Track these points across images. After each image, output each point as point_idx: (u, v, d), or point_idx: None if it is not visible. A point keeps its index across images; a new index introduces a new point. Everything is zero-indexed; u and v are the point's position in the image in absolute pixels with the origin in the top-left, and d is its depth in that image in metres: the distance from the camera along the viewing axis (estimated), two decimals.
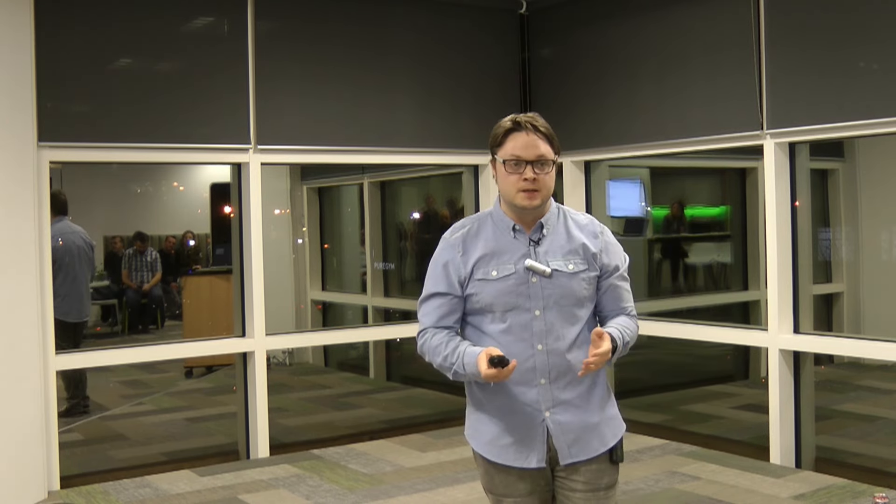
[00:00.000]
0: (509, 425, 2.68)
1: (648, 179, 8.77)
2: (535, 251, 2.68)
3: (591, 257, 2.72)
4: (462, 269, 2.70)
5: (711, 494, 5.16)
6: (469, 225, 2.76)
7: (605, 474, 2.73)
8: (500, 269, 2.67)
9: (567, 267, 2.68)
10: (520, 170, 2.64)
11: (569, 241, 2.71)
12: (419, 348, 2.77)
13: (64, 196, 7.50)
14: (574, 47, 6.87)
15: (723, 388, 7.93)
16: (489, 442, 2.72)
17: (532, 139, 2.65)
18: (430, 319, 2.74)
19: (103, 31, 5.70)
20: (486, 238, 2.71)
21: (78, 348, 6.91)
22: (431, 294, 2.75)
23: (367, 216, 9.65)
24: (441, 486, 5.47)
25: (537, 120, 2.70)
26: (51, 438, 5.45)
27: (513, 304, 2.65)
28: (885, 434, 6.62)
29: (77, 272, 7.37)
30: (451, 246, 2.74)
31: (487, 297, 2.67)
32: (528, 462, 2.67)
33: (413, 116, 6.74)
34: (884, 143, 6.97)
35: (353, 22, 6.48)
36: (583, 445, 2.69)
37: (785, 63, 5.51)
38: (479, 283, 2.68)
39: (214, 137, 6.01)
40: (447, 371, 2.67)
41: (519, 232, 2.70)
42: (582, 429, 2.68)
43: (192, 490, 5.50)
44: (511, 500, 2.72)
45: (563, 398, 2.67)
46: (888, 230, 8.01)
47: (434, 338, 2.71)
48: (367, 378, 9.36)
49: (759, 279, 7.76)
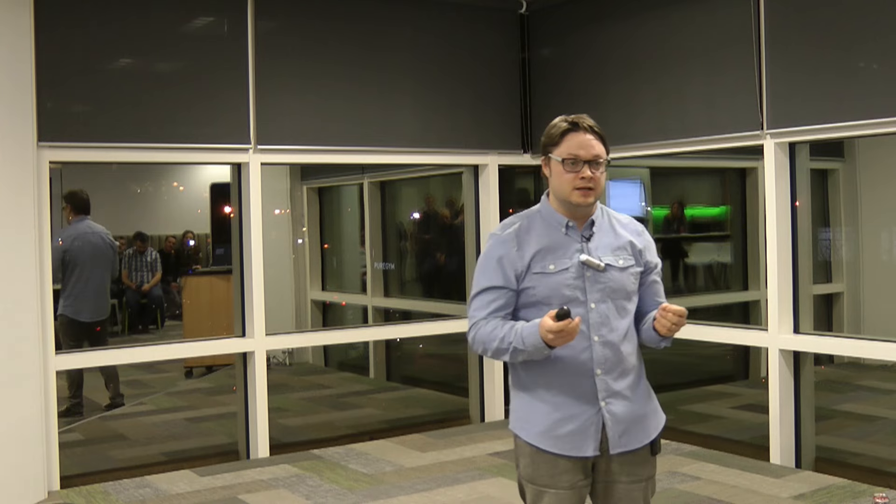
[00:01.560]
0: (566, 415, 2.75)
1: (648, 179, 8.77)
2: (587, 247, 2.78)
3: (637, 254, 2.85)
4: (518, 263, 2.77)
5: (711, 494, 5.16)
6: (519, 221, 2.84)
7: (646, 466, 2.83)
8: (557, 264, 2.76)
9: (618, 262, 2.79)
10: (577, 168, 2.73)
11: (616, 238, 2.83)
12: (471, 340, 2.82)
13: (86, 195, 7.53)
14: (574, 47, 6.88)
15: (723, 388, 7.93)
16: (543, 432, 2.77)
17: (588, 139, 2.75)
18: (483, 312, 2.80)
19: (103, 31, 5.70)
20: (539, 234, 2.80)
21: (93, 347, 7.00)
22: (486, 288, 2.80)
23: (367, 216, 9.65)
24: (441, 486, 5.47)
25: (590, 120, 2.80)
26: (51, 438, 5.45)
27: (570, 296, 2.74)
28: (885, 434, 6.62)
29: (91, 272, 7.39)
30: (504, 241, 2.80)
31: (545, 290, 2.75)
32: (583, 451, 2.74)
33: (413, 116, 6.74)
34: (884, 143, 6.96)
35: (353, 21, 6.48)
36: (632, 435, 2.78)
37: (785, 63, 5.51)
38: (536, 277, 2.76)
39: (214, 137, 6.01)
40: (504, 353, 2.72)
41: (571, 228, 2.79)
42: (632, 419, 2.78)
43: (192, 490, 5.50)
44: (552, 492, 2.77)
45: (615, 389, 2.76)
46: (888, 230, 8.02)
47: (488, 324, 2.77)
48: (367, 378, 9.36)
49: (759, 279, 7.76)
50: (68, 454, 6.04)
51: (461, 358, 7.46)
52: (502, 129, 7.07)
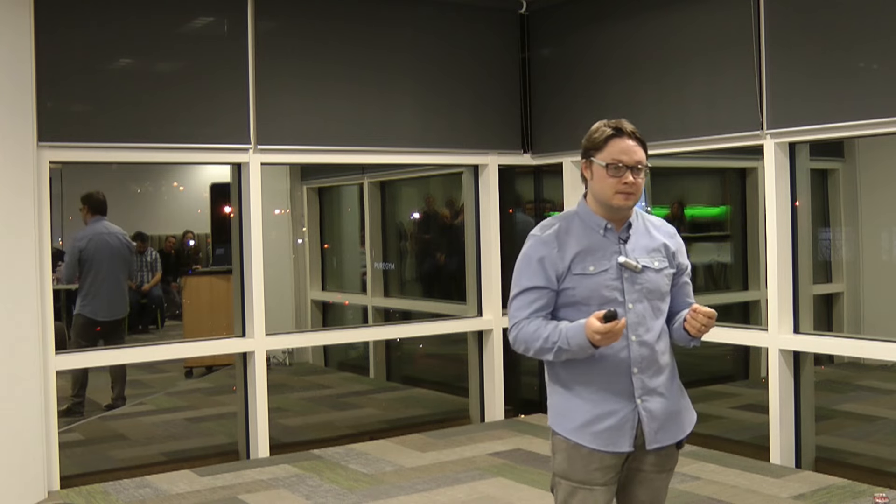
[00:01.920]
0: (604, 412, 2.81)
1: (648, 179, 8.75)
2: (624, 249, 2.86)
3: (671, 256, 2.94)
4: (559, 264, 2.83)
5: (711, 494, 5.16)
6: (558, 223, 2.90)
7: (671, 458, 2.94)
8: (597, 265, 2.83)
9: (653, 264, 2.88)
10: (620, 174, 2.80)
11: (651, 240, 2.92)
12: (513, 339, 2.87)
13: (102, 196, 7.58)
14: (574, 47, 6.88)
15: (723, 388, 7.93)
16: (581, 427, 2.83)
17: (631, 145, 2.82)
18: (525, 312, 2.85)
19: (103, 31, 5.70)
20: (578, 235, 2.86)
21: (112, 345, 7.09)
22: (528, 288, 2.85)
23: (367, 216, 9.65)
24: (441, 486, 5.47)
25: (631, 126, 2.86)
26: (51, 438, 5.45)
27: (609, 297, 2.81)
28: (885, 434, 6.62)
29: (107, 272, 7.45)
30: (545, 242, 2.86)
31: (585, 291, 2.82)
32: (619, 447, 2.81)
33: (413, 116, 6.74)
34: (884, 143, 6.96)
35: (353, 21, 6.48)
36: (667, 432, 2.86)
37: (785, 63, 5.51)
38: (576, 278, 2.82)
39: (214, 137, 6.01)
40: (548, 352, 2.78)
41: (610, 230, 2.87)
42: (667, 416, 2.86)
43: (192, 490, 5.49)
44: (586, 489, 2.83)
45: (651, 386, 2.83)
46: (888, 230, 8.01)
47: (530, 325, 2.83)
48: (367, 378, 9.36)
49: (759, 279, 7.76)
50: (68, 454, 6.04)
51: (461, 358, 7.46)
52: (502, 129, 7.07)
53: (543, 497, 5.21)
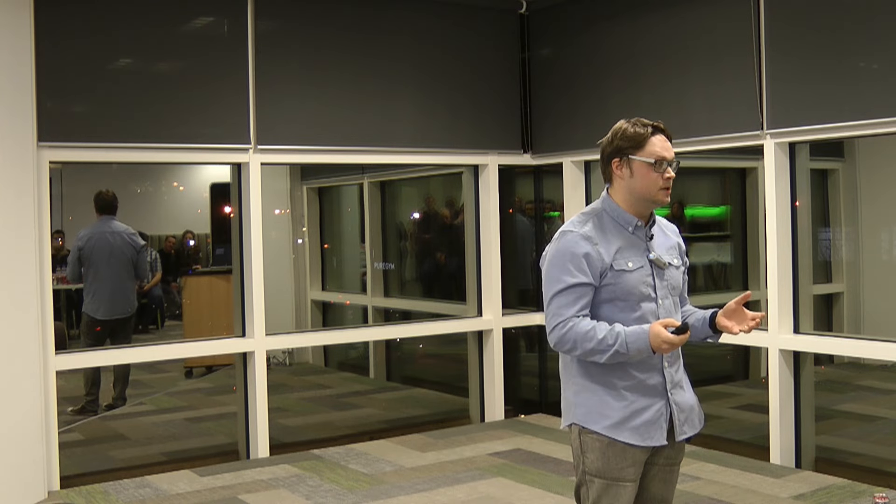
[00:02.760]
0: (640, 407, 2.87)
1: None
2: (651, 245, 2.94)
3: (683, 254, 3.07)
4: (604, 259, 2.84)
5: (711, 494, 5.16)
6: (590, 220, 2.91)
7: (680, 452, 3.03)
8: (634, 262, 2.88)
9: (674, 261, 2.99)
10: (662, 169, 2.86)
11: (667, 238, 3.02)
12: (560, 337, 2.83)
13: (110, 195, 7.58)
14: (574, 47, 6.87)
15: (723, 388, 7.92)
16: (618, 424, 2.86)
17: (667, 142, 2.92)
18: (572, 309, 2.83)
19: (103, 32, 5.70)
20: (612, 232, 2.89)
21: (93, 347, 7.05)
22: (573, 284, 2.83)
23: (367, 216, 9.65)
24: (441, 486, 5.47)
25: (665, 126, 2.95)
26: (51, 438, 5.45)
27: (645, 293, 2.88)
28: (885, 434, 6.62)
29: (107, 271, 7.44)
30: (585, 238, 2.85)
31: (625, 287, 2.85)
32: (655, 440, 2.88)
33: (413, 116, 6.74)
34: (884, 143, 6.96)
35: (353, 21, 6.48)
36: (690, 423, 2.98)
37: (785, 63, 5.51)
38: (617, 274, 2.85)
39: (214, 137, 6.01)
40: (600, 353, 2.78)
41: (639, 228, 2.92)
42: (689, 408, 2.99)
43: (192, 490, 5.49)
44: (620, 485, 2.87)
45: (676, 380, 2.95)
46: (888, 230, 8.01)
47: (581, 323, 2.81)
48: (367, 378, 9.36)
49: (759, 279, 7.75)
50: (68, 454, 6.04)
51: (461, 358, 7.46)
52: (502, 129, 7.07)
53: (543, 497, 5.21)
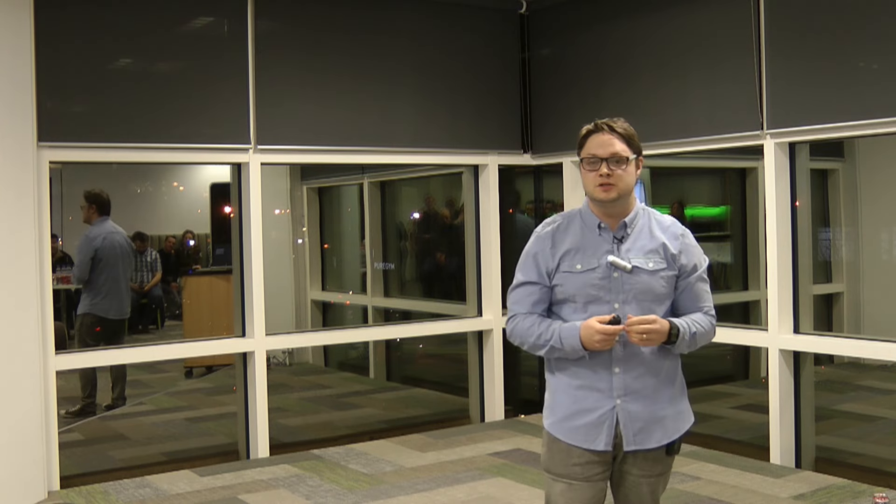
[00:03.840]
0: (583, 408, 2.86)
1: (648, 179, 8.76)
2: (619, 248, 2.88)
3: (671, 257, 2.91)
4: (550, 260, 2.91)
5: (711, 494, 5.16)
6: (560, 221, 2.99)
7: (659, 464, 2.92)
8: (585, 263, 2.88)
9: (647, 265, 2.87)
10: (596, 167, 2.85)
11: (651, 240, 2.92)
12: (509, 331, 2.98)
13: (106, 196, 7.57)
14: (574, 47, 6.88)
15: (723, 388, 7.93)
16: (560, 421, 2.90)
17: (607, 138, 2.87)
18: (521, 306, 2.95)
19: (103, 31, 5.70)
20: (574, 233, 2.93)
21: (109, 346, 7.08)
22: (522, 283, 2.96)
23: (367, 216, 9.65)
24: (441, 486, 5.47)
25: (616, 122, 2.90)
26: (51, 438, 5.45)
27: (594, 296, 2.85)
28: (885, 434, 6.62)
29: (119, 271, 7.52)
30: (541, 239, 2.96)
31: (571, 289, 2.87)
32: (595, 444, 2.84)
33: (413, 116, 6.74)
34: (884, 143, 6.96)
35: (353, 21, 6.48)
36: (646, 435, 2.85)
37: (785, 63, 5.51)
38: (564, 275, 2.89)
39: (214, 137, 6.01)
40: (540, 349, 2.87)
41: (604, 229, 2.91)
42: (648, 419, 2.85)
43: (192, 490, 5.49)
44: (565, 482, 2.88)
45: (634, 388, 2.84)
46: (888, 230, 8.01)
47: (526, 320, 2.92)
48: (367, 378, 9.36)
49: (759, 279, 7.76)
50: (68, 454, 6.03)
51: (461, 358, 7.46)
52: (502, 129, 7.07)
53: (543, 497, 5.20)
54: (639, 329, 2.72)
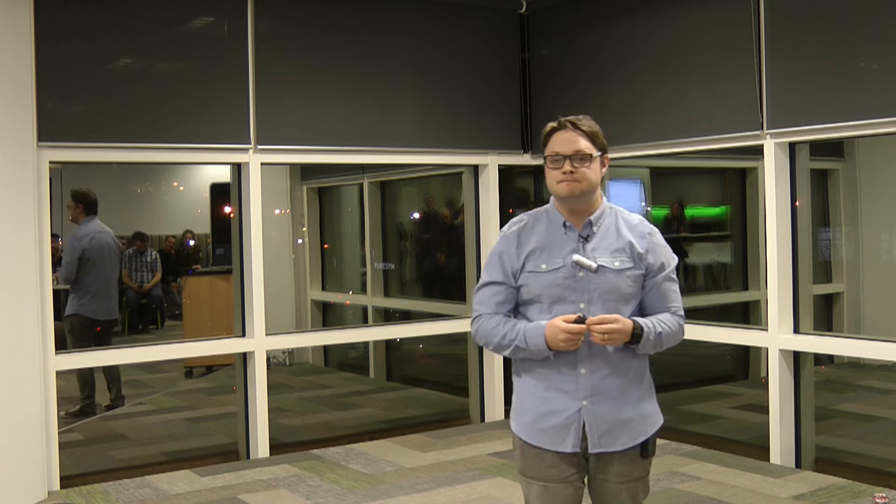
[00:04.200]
0: (550, 410, 2.82)
1: (648, 179, 8.77)
2: (584, 247, 2.83)
3: (638, 256, 2.85)
4: (515, 260, 2.87)
5: (711, 494, 5.16)
6: (526, 220, 2.94)
7: (635, 467, 2.86)
8: (550, 263, 2.83)
9: (613, 264, 2.82)
10: (559, 165, 2.81)
11: (617, 239, 2.85)
12: (474, 332, 2.94)
13: (93, 195, 7.53)
14: (574, 47, 6.87)
15: (723, 388, 7.93)
16: (529, 424, 2.86)
17: (571, 136, 2.83)
18: (485, 306, 2.91)
19: (103, 31, 5.70)
20: (540, 233, 2.88)
21: (89, 348, 6.95)
22: (488, 282, 2.93)
23: (367, 216, 9.65)
24: (441, 486, 5.47)
25: (580, 119, 2.87)
26: (51, 438, 5.45)
27: (559, 295, 2.80)
28: (885, 434, 6.62)
29: (108, 271, 7.45)
30: (507, 239, 2.92)
31: (536, 289, 2.83)
32: (563, 446, 2.80)
33: (413, 116, 6.74)
34: (884, 143, 6.96)
35: (353, 22, 6.48)
36: (612, 438, 2.80)
37: (785, 63, 5.51)
38: (529, 275, 2.84)
39: (214, 137, 6.01)
40: (505, 349, 2.84)
41: (569, 228, 2.86)
42: (613, 422, 2.80)
43: (192, 490, 5.50)
44: (541, 483, 2.84)
45: (600, 389, 2.79)
46: (888, 230, 8.02)
47: (490, 320, 2.88)
48: (367, 378, 9.36)
49: (759, 279, 7.76)
50: (68, 454, 6.03)
51: (461, 358, 7.46)
52: (502, 129, 7.07)
53: None
54: (600, 329, 2.67)
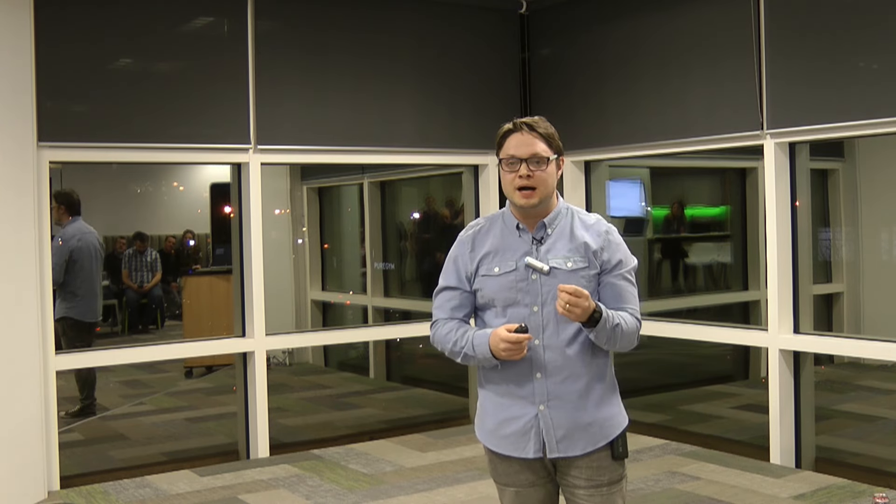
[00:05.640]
0: (508, 416, 2.78)
1: (648, 179, 8.77)
2: (538, 249, 2.78)
3: (592, 255, 2.76)
4: (469, 265, 2.85)
5: (711, 494, 5.16)
6: (482, 224, 2.91)
7: (605, 471, 2.76)
8: (502, 266, 2.78)
9: (566, 265, 2.74)
10: (515, 168, 2.77)
11: (571, 239, 2.78)
12: (431, 336, 2.91)
13: (77, 196, 7.48)
14: (574, 47, 6.88)
15: (723, 388, 7.93)
16: (491, 431, 2.84)
17: (527, 138, 2.78)
18: (441, 312, 2.89)
19: (103, 31, 5.70)
20: (495, 236, 2.84)
21: (88, 348, 6.89)
22: (443, 288, 2.91)
23: (367, 216, 9.65)
24: (441, 486, 5.47)
25: (536, 121, 2.81)
26: (51, 438, 5.45)
27: (512, 299, 2.76)
28: (885, 434, 6.62)
29: (94, 273, 7.37)
30: (462, 243, 2.90)
31: (490, 293, 2.79)
32: (525, 452, 2.76)
33: (413, 116, 6.74)
34: (884, 143, 6.97)
35: (353, 22, 6.48)
36: (570, 442, 2.73)
37: (785, 63, 5.51)
38: (482, 279, 2.81)
39: (214, 137, 6.01)
40: (457, 356, 2.81)
41: (523, 231, 2.81)
42: (571, 426, 2.73)
43: (192, 490, 5.50)
44: (513, 489, 2.83)
45: (557, 393, 2.73)
46: (888, 230, 8.02)
47: (444, 326, 2.86)
48: (367, 378, 9.36)
49: (759, 279, 7.76)
50: (68, 454, 6.04)
51: None
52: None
53: None
54: (565, 297, 2.55)
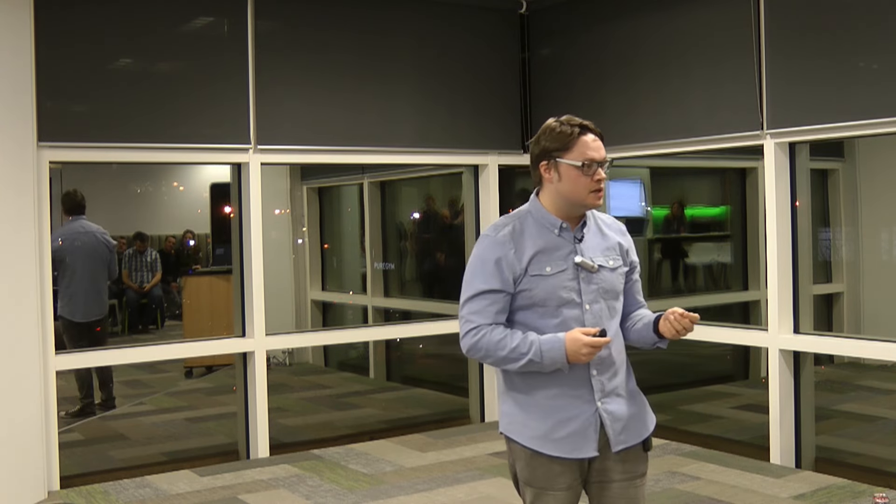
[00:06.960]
0: (564, 417, 2.74)
1: (648, 179, 8.77)
2: (580, 248, 2.80)
3: (624, 254, 2.88)
4: (517, 265, 2.74)
5: (711, 494, 5.16)
6: (511, 223, 2.81)
7: (640, 463, 2.85)
8: (554, 265, 2.75)
9: (608, 262, 2.82)
10: (591, 171, 2.75)
11: (604, 239, 2.86)
12: (471, 345, 2.75)
13: (78, 196, 7.44)
14: (574, 47, 6.87)
15: (723, 388, 7.93)
16: (542, 436, 2.75)
17: (598, 142, 2.80)
18: (482, 317, 2.75)
19: (103, 31, 5.70)
20: (533, 236, 2.78)
21: (87, 348, 6.86)
22: (484, 291, 2.76)
23: (367, 216, 9.65)
24: (441, 486, 5.47)
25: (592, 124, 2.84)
26: (51, 438, 5.45)
27: (566, 298, 2.75)
28: (885, 434, 6.62)
29: (82, 272, 7.29)
30: (500, 243, 2.77)
31: (542, 293, 2.74)
32: (583, 452, 2.74)
33: (413, 116, 6.74)
34: (884, 143, 6.97)
35: (353, 22, 6.48)
36: (631, 432, 2.80)
37: (785, 63, 5.51)
38: (533, 279, 2.74)
39: (214, 137, 6.01)
40: (513, 362, 2.70)
41: (565, 230, 2.80)
42: (628, 416, 2.80)
43: (192, 490, 5.50)
44: (551, 493, 2.77)
45: (609, 388, 2.78)
46: (888, 230, 8.02)
47: (493, 332, 2.73)
48: (367, 378, 9.36)
49: (759, 279, 7.76)
50: (68, 454, 6.04)
51: (461, 358, 7.45)
52: (502, 129, 7.07)
53: None
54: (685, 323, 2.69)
